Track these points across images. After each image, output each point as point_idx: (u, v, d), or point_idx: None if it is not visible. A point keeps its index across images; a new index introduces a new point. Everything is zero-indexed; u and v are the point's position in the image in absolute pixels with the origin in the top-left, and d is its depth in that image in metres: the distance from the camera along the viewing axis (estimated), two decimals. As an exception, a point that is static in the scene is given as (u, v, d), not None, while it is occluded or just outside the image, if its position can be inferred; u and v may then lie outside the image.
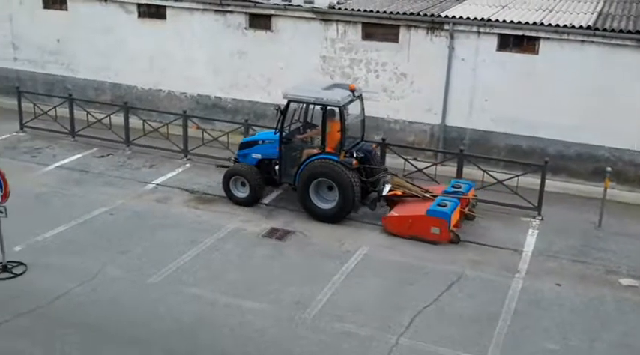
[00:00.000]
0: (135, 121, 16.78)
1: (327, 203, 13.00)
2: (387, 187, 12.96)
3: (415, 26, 16.02)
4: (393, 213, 12.80)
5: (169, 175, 15.00)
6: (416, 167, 14.47)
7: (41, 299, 10.07)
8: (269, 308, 10.12)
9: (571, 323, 9.95)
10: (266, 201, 14.00)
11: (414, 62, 16.29)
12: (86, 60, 19.38)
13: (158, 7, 18.19)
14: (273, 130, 13.28)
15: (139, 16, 18.50)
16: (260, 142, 13.81)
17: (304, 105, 13.31)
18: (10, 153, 16.28)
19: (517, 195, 13.58)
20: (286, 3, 16.91)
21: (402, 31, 16.18)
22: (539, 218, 13.47)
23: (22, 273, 10.80)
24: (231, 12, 17.49)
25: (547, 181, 13.64)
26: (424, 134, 16.63)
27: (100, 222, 12.81)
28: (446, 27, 15.70)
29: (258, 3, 17.09)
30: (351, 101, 13.07)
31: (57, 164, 15.69)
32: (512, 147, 15.83)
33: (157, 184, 14.71)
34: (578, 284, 11.12)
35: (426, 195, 12.97)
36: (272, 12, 17.09)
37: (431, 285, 10.92)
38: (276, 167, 13.48)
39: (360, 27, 16.52)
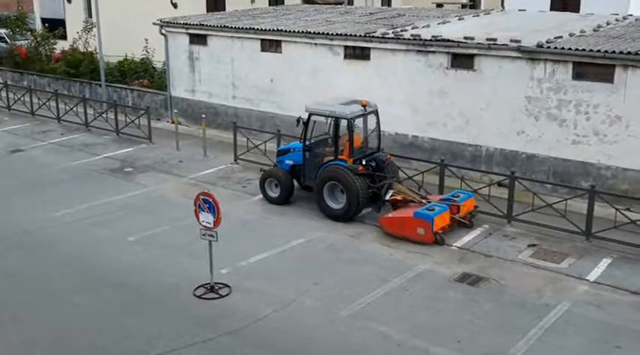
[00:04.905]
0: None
1: (337, 204, 14.81)
2: (390, 193, 14.57)
3: (633, 66, 14.78)
4: (389, 214, 14.28)
5: (365, 211, 15.27)
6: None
7: (242, 321, 10.78)
8: (457, 356, 9.79)
9: None
10: (459, 243, 13.67)
11: (630, 104, 14.97)
12: (294, 98, 20.67)
13: (363, 48, 18.90)
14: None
15: (345, 57, 19.38)
16: (292, 150, 16.01)
17: (330, 118, 14.94)
18: (224, 182, 17.82)
19: None
20: (491, 42, 16.58)
21: (618, 71, 15.00)
22: None
23: (226, 295, 11.66)
24: (433, 52, 17.58)
25: None
26: (640, 183, 15.14)
27: (297, 252, 13.44)
28: (670, 66, 14.28)
29: (461, 42, 17.00)
30: (362, 115, 14.91)
31: (263, 195, 16.84)
32: None
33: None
34: None
35: (423, 201, 14.40)
36: (475, 51, 16.86)
37: (642, 352, 9.80)
38: None
39: (570, 66, 15.63)
